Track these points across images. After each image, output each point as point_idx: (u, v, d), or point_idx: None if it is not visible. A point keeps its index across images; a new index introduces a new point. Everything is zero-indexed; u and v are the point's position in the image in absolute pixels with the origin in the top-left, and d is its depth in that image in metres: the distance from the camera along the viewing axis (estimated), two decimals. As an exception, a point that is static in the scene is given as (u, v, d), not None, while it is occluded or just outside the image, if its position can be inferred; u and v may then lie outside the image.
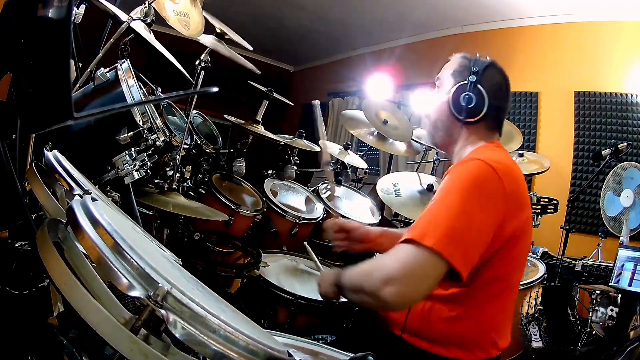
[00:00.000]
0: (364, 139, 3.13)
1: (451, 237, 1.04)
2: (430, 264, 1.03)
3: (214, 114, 3.37)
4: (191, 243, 2.25)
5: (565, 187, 3.81)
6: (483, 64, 1.30)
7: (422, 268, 1.03)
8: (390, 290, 1.01)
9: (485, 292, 1.18)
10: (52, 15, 0.81)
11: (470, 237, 1.07)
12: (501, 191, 1.12)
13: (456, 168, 1.21)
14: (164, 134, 1.67)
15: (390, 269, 1.04)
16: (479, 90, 1.27)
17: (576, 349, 2.60)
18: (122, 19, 1.84)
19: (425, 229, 1.06)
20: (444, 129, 1.36)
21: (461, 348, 1.19)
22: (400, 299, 1.03)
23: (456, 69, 1.34)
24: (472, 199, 1.10)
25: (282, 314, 1.89)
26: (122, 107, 1.49)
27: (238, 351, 0.60)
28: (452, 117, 1.32)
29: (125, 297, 0.61)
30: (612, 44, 3.71)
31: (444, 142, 1.38)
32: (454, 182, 1.15)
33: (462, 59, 1.35)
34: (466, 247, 1.06)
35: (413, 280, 1.03)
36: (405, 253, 1.06)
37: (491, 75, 1.30)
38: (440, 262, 1.03)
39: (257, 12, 5.41)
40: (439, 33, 5.12)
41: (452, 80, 1.33)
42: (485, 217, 1.10)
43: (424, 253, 1.03)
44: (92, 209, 0.68)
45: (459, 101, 1.29)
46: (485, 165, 1.14)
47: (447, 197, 1.12)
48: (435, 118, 1.37)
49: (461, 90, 1.29)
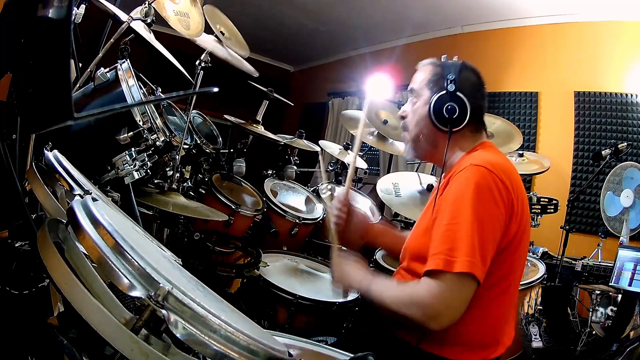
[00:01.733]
0: (364, 139, 3.14)
1: (474, 255, 1.07)
2: (465, 287, 1.08)
3: (214, 114, 3.37)
4: (191, 243, 2.25)
5: (565, 187, 3.81)
6: (457, 69, 1.27)
7: (460, 296, 1.09)
8: (435, 324, 1.08)
9: (489, 292, 1.18)
10: (52, 15, 0.81)
11: (487, 247, 1.11)
12: (504, 193, 1.14)
13: (457, 178, 1.20)
14: (164, 134, 1.67)
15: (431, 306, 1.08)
16: (460, 98, 1.25)
17: (576, 349, 2.60)
18: (122, 19, 1.84)
19: (449, 255, 1.08)
20: (428, 141, 1.34)
21: (465, 348, 1.19)
22: (444, 327, 1.09)
23: (430, 78, 1.31)
24: (482, 209, 1.11)
25: (282, 314, 1.89)
26: (122, 107, 1.49)
27: (239, 351, 0.60)
28: (435, 128, 1.30)
29: (126, 297, 0.61)
30: (612, 44, 3.70)
31: (429, 153, 1.37)
32: (460, 196, 1.14)
33: (433, 67, 1.33)
34: (485, 257, 1.10)
35: (455, 310, 1.09)
36: (440, 287, 1.08)
37: (467, 78, 1.28)
38: (471, 282, 1.08)
39: (257, 12, 5.41)
40: (439, 33, 5.11)
41: (427, 92, 1.30)
42: (496, 222, 1.13)
43: (456, 281, 1.07)
44: (93, 209, 0.68)
45: (441, 112, 1.26)
46: (486, 171, 1.14)
47: (459, 214, 1.12)
48: (417, 132, 1.34)
49: (442, 101, 1.26)
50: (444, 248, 1.10)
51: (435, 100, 1.27)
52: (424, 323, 1.08)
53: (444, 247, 1.10)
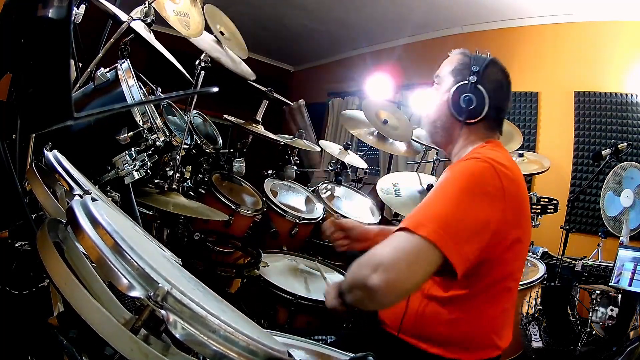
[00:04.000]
0: (364, 139, 3.14)
1: (446, 229, 1.02)
2: (423, 252, 1.00)
3: (214, 114, 3.37)
4: (191, 243, 2.25)
5: (565, 187, 3.81)
6: (483, 63, 1.27)
7: (414, 255, 0.99)
8: (379, 277, 0.96)
9: (486, 293, 1.17)
10: (52, 15, 0.81)
11: (466, 232, 1.05)
12: (500, 191, 1.11)
13: (456, 166, 1.20)
14: (164, 134, 1.67)
15: (380, 256, 1.00)
16: (480, 91, 1.25)
17: (576, 349, 2.60)
18: (122, 19, 1.84)
19: (420, 219, 1.04)
20: (443, 128, 1.34)
21: (462, 349, 1.18)
22: (389, 286, 0.96)
23: (456, 66, 1.32)
24: (470, 194, 1.08)
25: (282, 314, 1.89)
26: (122, 107, 1.49)
27: (238, 351, 0.60)
28: (452, 117, 1.30)
29: (125, 297, 0.61)
30: (612, 44, 3.70)
31: (444, 141, 1.37)
32: (453, 178, 1.14)
33: (462, 56, 1.33)
34: (461, 241, 1.03)
35: (403, 266, 0.98)
36: (397, 240, 1.03)
37: (492, 74, 1.28)
38: (433, 252, 1.00)
39: (257, 12, 5.41)
40: (439, 33, 5.12)
41: (451, 79, 1.31)
42: (482, 214, 1.08)
43: (417, 241, 1.00)
44: (92, 209, 0.67)
45: (459, 102, 1.27)
46: (486, 164, 1.12)
47: (444, 191, 1.11)
48: (435, 118, 1.35)
49: (461, 91, 1.26)
50: (418, 214, 1.07)
51: (455, 89, 1.28)
52: (369, 277, 0.97)
53: (418, 213, 1.07)
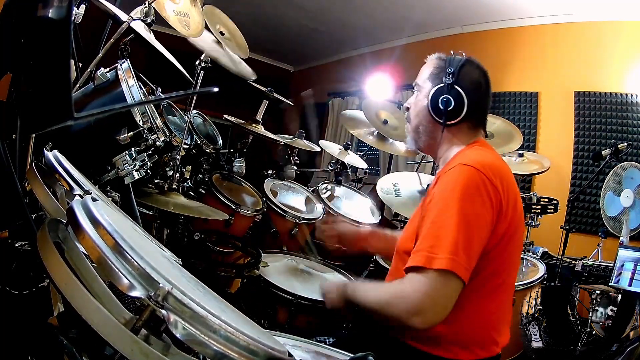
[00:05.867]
0: (364, 139, 3.14)
1: (457, 253, 1.07)
2: (447, 285, 1.07)
3: (214, 114, 3.36)
4: (191, 243, 2.25)
5: (565, 187, 3.81)
6: (458, 63, 1.29)
7: (443, 294, 1.08)
8: (419, 320, 1.07)
9: (481, 290, 1.18)
10: (52, 15, 0.81)
11: (473, 248, 1.10)
12: (492, 193, 1.14)
13: (444, 177, 1.21)
14: (164, 134, 1.67)
15: (414, 301, 1.08)
16: (457, 91, 1.26)
17: (576, 348, 2.60)
18: (122, 19, 1.84)
19: (430, 252, 1.08)
20: (426, 133, 1.36)
21: (461, 348, 1.19)
22: (428, 325, 1.08)
23: (432, 71, 1.34)
24: (468, 208, 1.11)
25: (282, 314, 1.89)
26: (122, 107, 1.49)
27: (238, 351, 0.60)
28: (433, 121, 1.32)
29: (126, 297, 0.61)
30: (612, 44, 3.71)
31: (428, 145, 1.39)
32: (447, 195, 1.15)
33: (438, 60, 1.35)
34: (469, 257, 1.09)
35: (439, 307, 1.08)
36: (422, 283, 1.08)
37: (468, 74, 1.29)
38: (454, 280, 1.07)
39: (257, 12, 5.41)
40: (439, 33, 5.12)
41: (429, 84, 1.33)
42: (482, 222, 1.12)
43: (438, 278, 1.07)
44: (93, 209, 0.67)
45: (437, 105, 1.28)
46: (473, 171, 1.14)
47: (443, 212, 1.13)
48: (417, 123, 1.37)
49: (439, 93, 1.28)
50: (426, 245, 1.11)
51: (433, 93, 1.29)
52: (407, 320, 1.07)
53: (426, 244, 1.11)
